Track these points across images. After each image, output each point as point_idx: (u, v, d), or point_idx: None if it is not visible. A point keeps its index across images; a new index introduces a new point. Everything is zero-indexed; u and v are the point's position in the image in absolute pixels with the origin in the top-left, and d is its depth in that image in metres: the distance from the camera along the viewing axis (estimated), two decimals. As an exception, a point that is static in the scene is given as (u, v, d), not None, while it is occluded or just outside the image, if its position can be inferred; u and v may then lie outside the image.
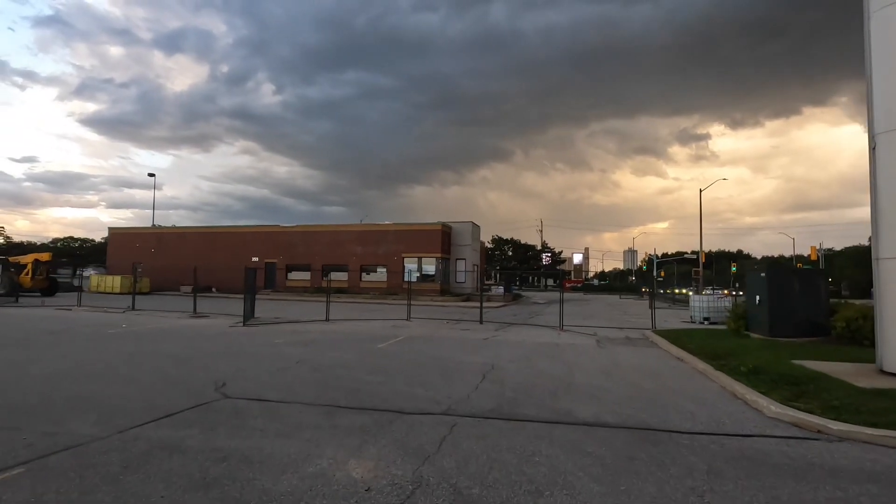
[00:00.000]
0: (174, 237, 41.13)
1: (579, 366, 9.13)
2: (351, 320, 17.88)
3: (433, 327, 15.94)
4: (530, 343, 12.35)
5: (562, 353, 10.78)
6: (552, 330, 15.63)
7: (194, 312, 19.24)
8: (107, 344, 11.01)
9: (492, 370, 8.51)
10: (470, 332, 14.60)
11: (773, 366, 7.90)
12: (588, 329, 15.88)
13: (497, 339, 13.02)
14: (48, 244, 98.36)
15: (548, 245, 77.24)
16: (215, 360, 9.05)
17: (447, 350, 10.92)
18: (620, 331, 15.80)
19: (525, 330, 15.66)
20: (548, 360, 9.70)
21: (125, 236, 42.45)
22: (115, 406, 5.80)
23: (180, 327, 14.73)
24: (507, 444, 4.68)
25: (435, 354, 10.23)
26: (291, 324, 16.18)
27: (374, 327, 15.63)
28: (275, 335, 13.08)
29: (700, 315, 18.56)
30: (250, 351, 10.29)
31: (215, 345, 11.13)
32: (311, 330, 14.52)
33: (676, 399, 6.53)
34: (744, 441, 4.86)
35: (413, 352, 10.57)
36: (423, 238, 35.03)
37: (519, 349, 11.20)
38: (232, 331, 14.00)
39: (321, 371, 8.21)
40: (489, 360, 9.62)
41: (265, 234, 39.07)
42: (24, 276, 27.83)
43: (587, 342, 12.71)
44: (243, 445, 4.53)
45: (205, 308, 21.63)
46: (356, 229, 37.27)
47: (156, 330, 13.93)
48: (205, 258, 37.48)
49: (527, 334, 14.35)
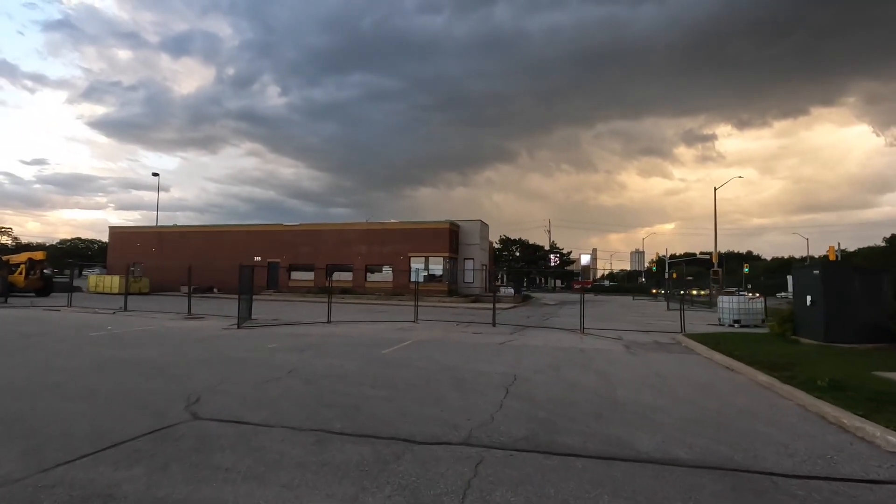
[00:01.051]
0: (176, 236, 40.18)
1: (617, 377, 7.86)
2: (354, 322, 16.69)
3: (443, 330, 14.71)
4: (552, 348, 11.09)
5: (590, 360, 9.51)
6: (573, 333, 14.35)
7: (189, 314, 18.13)
8: (81, 349, 9.87)
9: (515, 382, 7.26)
10: (483, 336, 13.36)
11: (854, 379, 6.60)
12: (611, 332, 14.58)
13: (514, 344, 11.77)
14: (56, 245, 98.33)
15: (557, 245, 75.79)
16: (196, 369, 7.87)
17: (461, 357, 9.69)
18: (647, 334, 14.49)
19: (543, 333, 14.39)
20: (578, 370, 8.43)
21: (126, 235, 41.56)
22: (54, 432, 4.62)
23: (169, 330, 13.59)
24: (557, 494, 3.44)
25: (447, 362, 9.00)
26: (290, 326, 15.02)
27: (379, 330, 14.42)
28: (269, 339, 11.90)
29: (729, 317, 17.20)
30: (238, 357, 9.10)
31: (201, 350, 9.97)
32: (311, 333, 13.33)
33: (754, 424, 5.25)
34: (877, 491, 3.59)
35: (422, 359, 9.34)
36: (431, 237, 33.81)
37: (542, 356, 9.95)
38: (224, 334, 12.84)
39: (315, 383, 7.00)
40: (510, 369, 8.38)
41: (268, 233, 38.02)
42: (17, 276, 26.86)
43: (615, 347, 11.43)
44: (197, 496, 3.33)
45: (202, 309, 20.54)
46: (361, 228, 36.11)
47: (141, 333, 12.80)
48: (207, 258, 36.52)
49: (546, 338, 13.08)
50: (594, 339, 12.91)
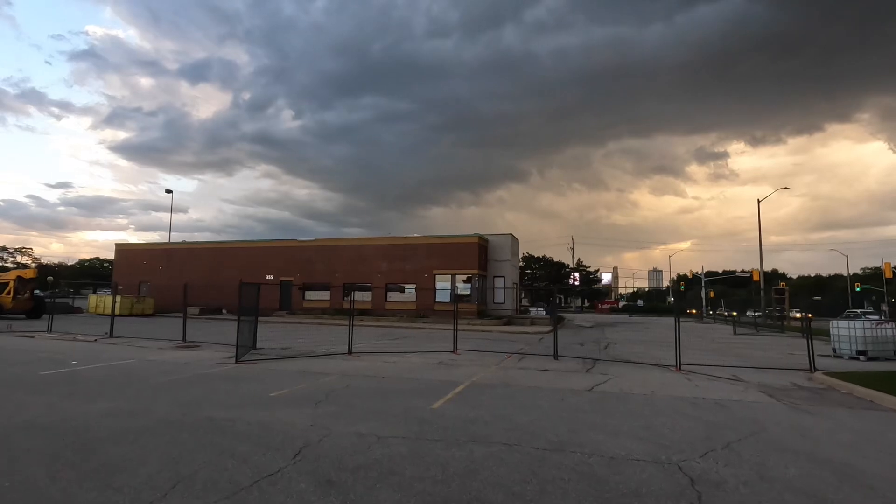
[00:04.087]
0: (184, 254, 37.71)
1: (853, 474, 4.57)
2: (380, 353, 13.55)
3: (496, 366, 11.49)
4: (671, 399, 7.78)
5: (762, 427, 6.19)
6: (668, 371, 10.99)
7: (183, 341, 15.19)
8: (6, 400, 6.90)
9: (698, 487, 4.04)
10: (555, 376, 10.10)
11: None
12: (716, 369, 11.20)
13: (610, 391, 8.50)
14: (76, 265, 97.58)
15: (582, 263, 72.05)
16: (146, 448, 4.80)
17: (554, 419, 6.46)
18: (763, 372, 11.08)
19: (629, 371, 11.03)
20: (775, 455, 5.12)
21: (132, 253, 39.23)
22: None
23: (147, 366, 10.60)
24: None
25: (542, 432, 5.78)
26: (301, 360, 11.92)
27: (414, 366, 11.25)
28: (273, 380, 8.82)
29: (850, 347, 13.67)
30: (220, 420, 6.01)
31: (171, 403, 6.91)
32: (328, 371, 10.22)
33: None
34: None
35: (498, 423, 6.14)
36: (458, 252, 30.67)
37: (672, 416, 6.66)
38: (214, 372, 9.80)
39: (341, 486, 3.87)
40: (657, 450, 5.13)
41: (281, 249, 35.30)
42: (5, 296, 24.33)
43: (759, 398, 8.08)
44: None
45: (202, 334, 17.62)
46: (381, 243, 33.15)
47: (109, 371, 9.83)
48: (216, 276, 33.91)
49: (643, 379, 9.75)
50: (710, 382, 9.56)
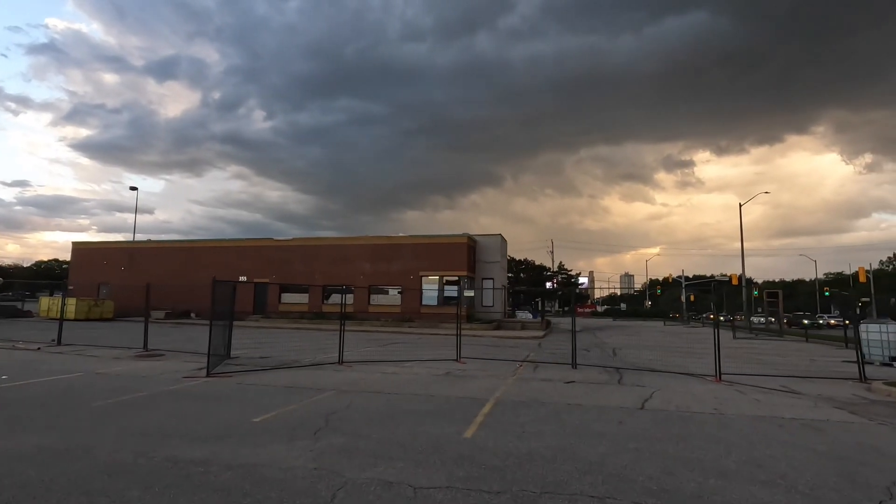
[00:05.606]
0: (149, 253, 35.07)
1: None
2: (374, 362, 11.96)
3: (511, 376, 10.06)
4: (746, 420, 6.48)
5: (890, 455, 4.94)
6: (708, 382, 9.76)
7: (145, 349, 13.25)
8: None
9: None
10: (586, 389, 8.72)
11: None
12: (753, 379, 10.05)
13: (666, 409, 7.16)
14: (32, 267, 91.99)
15: (564, 266, 71.56)
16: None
17: (633, 451, 5.04)
18: (810, 382, 9.99)
19: (665, 382, 9.72)
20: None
21: (91, 252, 36.30)
22: None
23: (98, 382, 8.77)
24: None
25: (631, 474, 4.36)
26: (286, 371, 10.23)
27: (419, 378, 9.71)
28: (255, 400, 7.17)
29: (883, 353, 12.80)
30: (187, 462, 4.37)
31: (123, 435, 5.21)
32: (321, 385, 8.59)
33: None
34: None
35: (568, 463, 4.69)
36: (446, 253, 29.17)
37: (781, 447, 5.33)
38: (182, 389, 8.06)
39: None
40: (812, 501, 3.77)
41: (255, 248, 33.12)
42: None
43: (842, 416, 6.87)
44: None
45: (168, 341, 15.68)
46: (365, 243, 31.37)
47: (50, 388, 7.98)
48: (184, 277, 31.51)
49: (689, 394, 8.45)
50: (767, 396, 8.34)
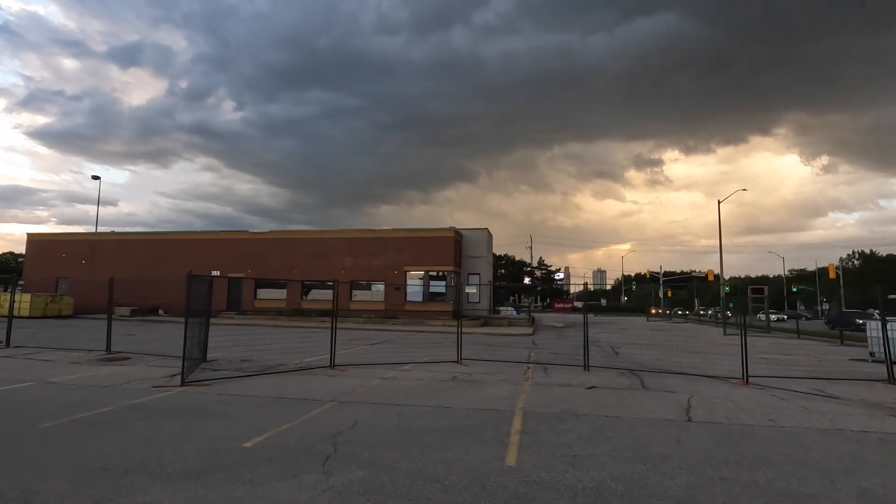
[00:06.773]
0: (112, 246, 32.83)
1: None
2: (368, 365, 10.88)
3: (524, 381, 9.15)
4: (814, 434, 5.71)
5: None
6: (737, 386, 9.05)
7: (107, 352, 11.83)
8: None
9: None
10: (613, 395, 7.88)
11: None
12: (780, 381, 9.43)
13: (719, 423, 6.35)
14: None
15: (544, 262, 71.45)
16: None
17: (718, 482, 4.17)
18: (834, 384, 9.42)
19: (692, 387, 8.96)
20: None
21: (49, 244, 33.78)
22: None
23: (50, 393, 7.45)
24: None
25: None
26: (272, 376, 9.06)
27: (424, 384, 8.70)
28: (242, 417, 6.04)
29: (894, 352, 12.44)
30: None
31: (76, 470, 4.04)
32: (315, 395, 7.49)
33: None
34: None
35: (647, 500, 3.78)
36: (432, 247, 28.14)
37: (879, 470, 4.56)
38: (150, 403, 6.84)
39: None
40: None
41: (229, 241, 31.34)
42: None
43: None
44: None
45: (133, 342, 14.25)
46: (346, 236, 30.02)
47: (-14, 403, 6.65)
48: (151, 271, 29.62)
49: (731, 401, 7.69)
50: (811, 402, 7.65)
